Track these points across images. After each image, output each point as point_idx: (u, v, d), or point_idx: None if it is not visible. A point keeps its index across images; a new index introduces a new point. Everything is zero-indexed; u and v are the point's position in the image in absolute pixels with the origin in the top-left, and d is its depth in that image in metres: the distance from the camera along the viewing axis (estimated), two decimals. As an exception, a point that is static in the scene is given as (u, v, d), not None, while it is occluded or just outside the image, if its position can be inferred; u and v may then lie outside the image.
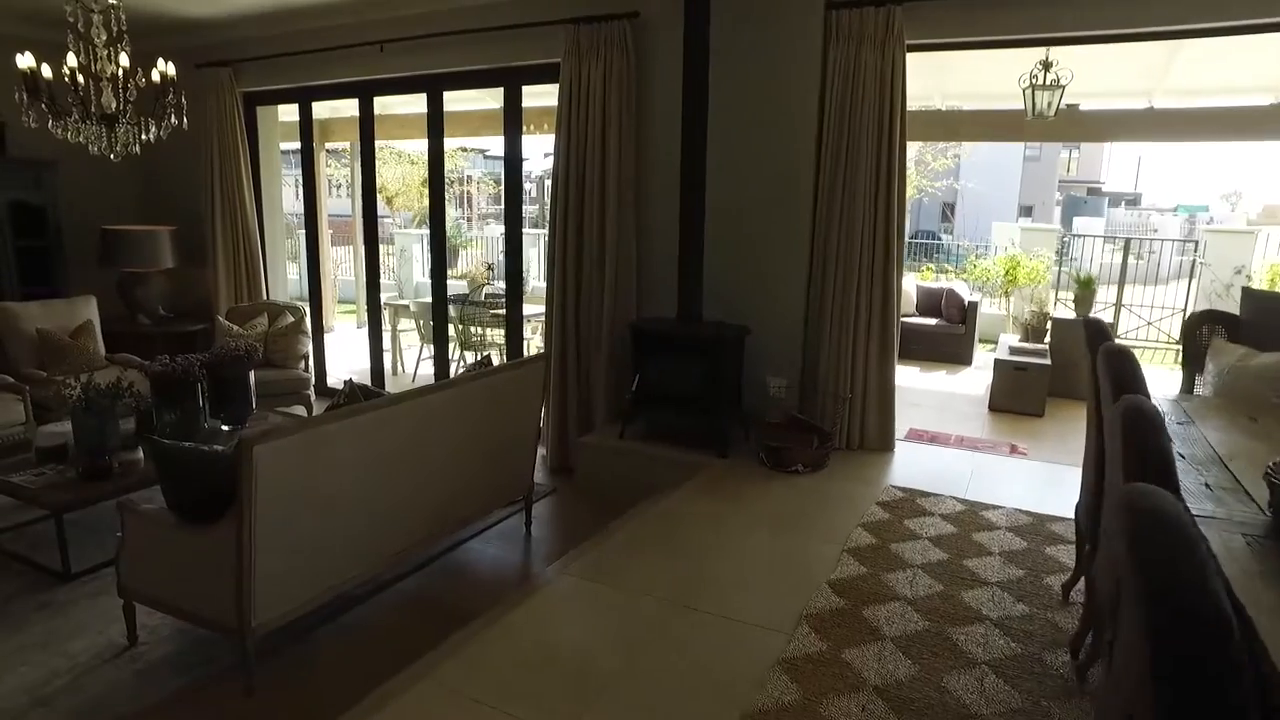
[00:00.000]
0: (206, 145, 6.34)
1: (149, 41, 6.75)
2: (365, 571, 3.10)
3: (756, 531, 3.57)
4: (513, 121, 5.31)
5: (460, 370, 7.24)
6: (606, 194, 4.67)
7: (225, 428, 4.50)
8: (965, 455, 4.74)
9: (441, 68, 5.41)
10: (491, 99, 8.11)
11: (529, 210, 25.24)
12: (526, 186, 27.96)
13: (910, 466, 4.40)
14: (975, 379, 7.10)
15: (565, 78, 4.71)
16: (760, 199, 4.49)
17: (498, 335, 7.13)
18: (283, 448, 2.60)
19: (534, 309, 6.43)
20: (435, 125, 5.69)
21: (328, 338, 9.54)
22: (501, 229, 19.35)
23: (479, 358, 4.23)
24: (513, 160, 5.38)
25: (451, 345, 6.74)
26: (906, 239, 5.56)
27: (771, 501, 3.88)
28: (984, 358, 7.50)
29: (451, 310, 6.62)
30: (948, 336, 7.74)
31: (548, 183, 24.22)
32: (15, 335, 5.38)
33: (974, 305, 7.82)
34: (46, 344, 5.38)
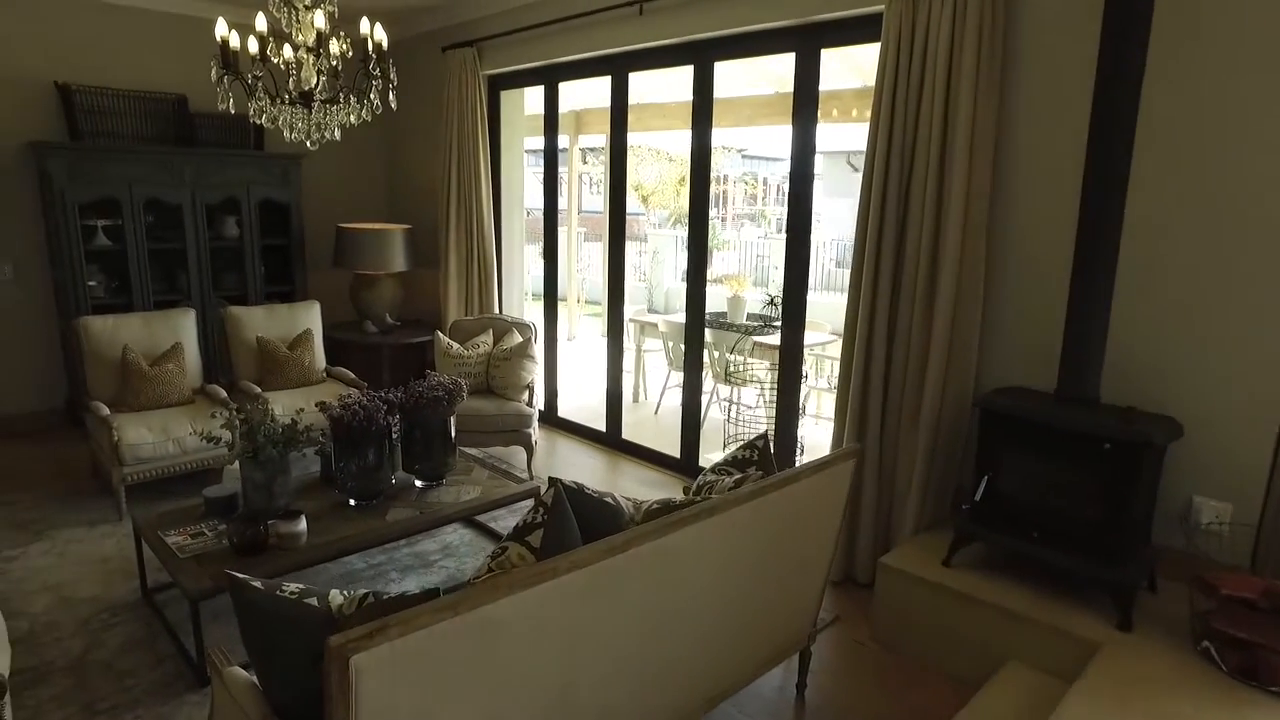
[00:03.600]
0: (446, 136, 5.63)
1: (402, 25, 6.28)
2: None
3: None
4: (805, 101, 3.92)
5: (716, 402, 6.02)
6: (945, 204, 3.15)
7: (419, 483, 3.60)
8: None
9: (713, 30, 4.16)
10: (767, 83, 6.84)
11: (783, 213, 23.78)
12: (785, 187, 26.53)
13: None
14: None
15: (890, 31, 3.25)
16: (1221, 225, 2.73)
17: (757, 364, 5.84)
18: (409, 652, 1.43)
19: (814, 337, 5.01)
20: (702, 106, 4.46)
21: (567, 347, 8.83)
22: (759, 232, 18.10)
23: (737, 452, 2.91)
24: (803, 152, 4.00)
25: (705, 372, 5.53)
26: None
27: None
28: None
29: (708, 335, 5.39)
30: None
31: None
32: (240, 343, 4.91)
33: None
34: (265, 355, 4.86)
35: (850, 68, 5.91)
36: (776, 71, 6.59)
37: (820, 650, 3.04)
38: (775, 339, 5.86)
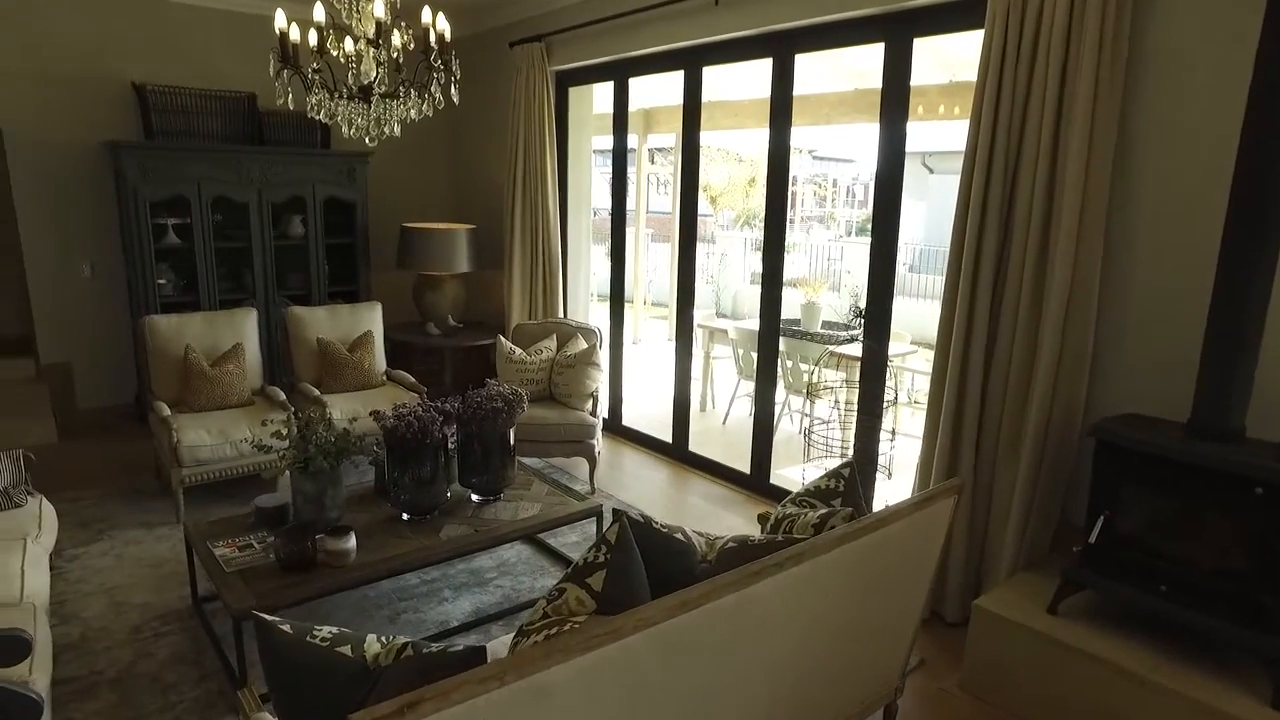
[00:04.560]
0: (512, 134, 5.47)
1: (469, 21, 6.17)
2: None
3: None
4: (894, 96, 3.62)
5: (787, 414, 5.73)
6: (1056, 211, 2.82)
7: (475, 498, 3.42)
8: None
9: (795, 19, 3.89)
10: (846, 78, 6.51)
11: (851, 214, 23.18)
12: (855, 190, 25.90)
13: None
14: None
15: (995, 19, 2.93)
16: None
17: (834, 375, 5.54)
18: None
19: (893, 348, 4.65)
20: (781, 102, 4.18)
21: (632, 350, 8.62)
22: (829, 234, 17.60)
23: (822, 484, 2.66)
24: (891, 150, 3.69)
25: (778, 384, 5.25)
26: None
27: None
28: None
29: (782, 343, 5.11)
30: None
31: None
32: (301, 344, 4.84)
33: None
34: (325, 356, 4.77)
35: (936, 61, 5.54)
36: (857, 66, 6.26)
37: (903, 698, 2.75)
38: (852, 349, 5.54)
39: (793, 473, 4.98)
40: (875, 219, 3.80)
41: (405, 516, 3.23)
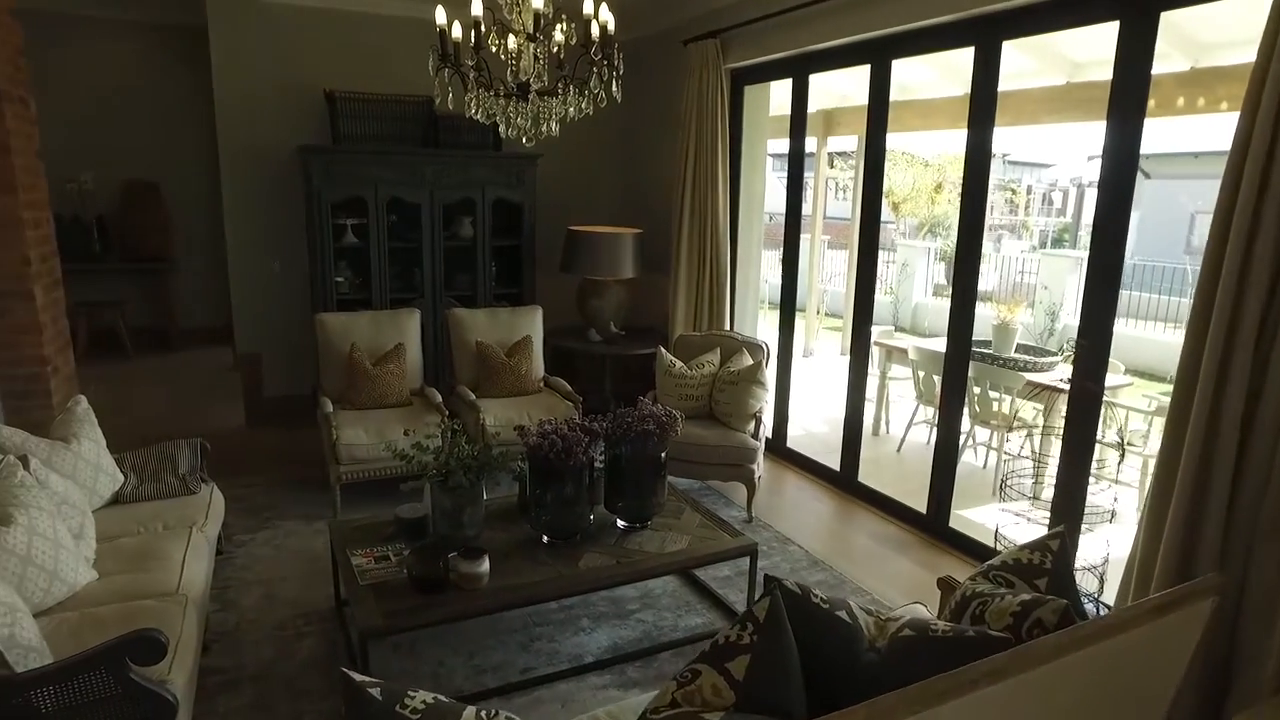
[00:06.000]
0: (683, 135, 5.23)
1: (641, 22, 6.00)
2: None
3: None
4: (1129, 86, 3.03)
5: (971, 446, 5.12)
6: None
7: (620, 524, 3.20)
8: None
9: (1003, 1, 3.37)
10: (1058, 69, 5.78)
11: (1046, 224, 21.25)
12: (1052, 197, 23.79)
13: None
14: None
15: (1279, -19, 2.33)
16: None
17: (1030, 406, 4.93)
18: None
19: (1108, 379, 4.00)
20: (984, 97, 3.67)
21: (803, 364, 8.17)
22: (1020, 245, 16.14)
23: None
24: (1121, 151, 3.09)
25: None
26: None
27: None
28: None
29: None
30: None
31: (1089, 192, 19.96)
32: (460, 346, 4.84)
33: None
34: (483, 360, 4.73)
35: (1175, 43, 4.75)
36: (1074, 55, 5.54)
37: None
38: (1050, 376, 4.88)
39: (976, 515, 4.42)
40: (1096, 230, 3.21)
41: (545, 539, 3.05)
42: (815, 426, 6.05)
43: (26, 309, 3.84)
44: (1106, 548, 3.24)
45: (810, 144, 7.08)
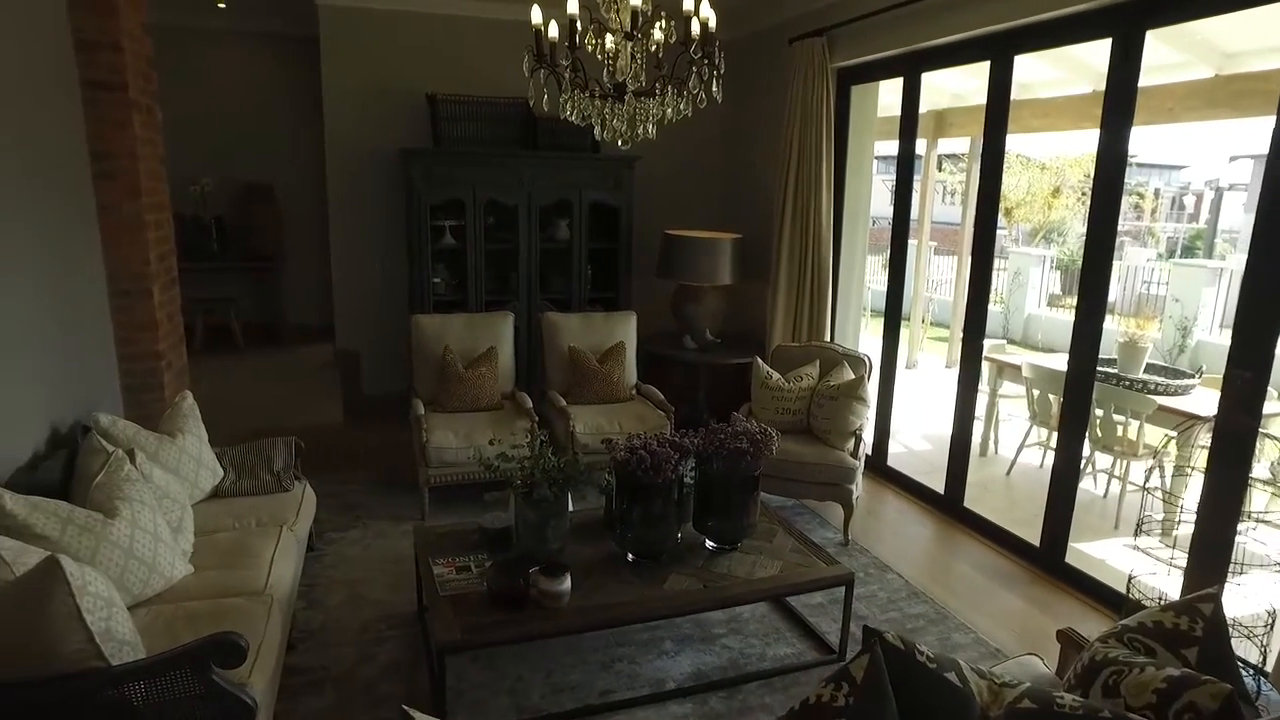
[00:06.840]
0: (786, 137, 5.04)
1: (744, 21, 5.83)
2: None
3: None
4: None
5: (1091, 474, 4.73)
6: None
7: (709, 545, 3.06)
8: None
9: (1153, -12, 3.06)
10: (1204, 62, 5.29)
11: (1176, 229, 19.84)
12: (1184, 201, 22.21)
13: None
14: None
15: None
16: None
17: (1164, 433, 4.52)
18: None
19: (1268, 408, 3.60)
20: (1122, 91, 3.35)
21: (907, 376, 7.80)
22: (1146, 254, 15.05)
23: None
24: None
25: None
26: None
27: None
28: None
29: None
30: None
31: (1228, 196, 18.50)
32: (553, 350, 4.80)
33: None
34: (575, 365, 4.67)
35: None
36: (1223, 45, 5.05)
37: None
38: (1185, 401, 4.45)
39: (1095, 550, 4.08)
40: (1256, 239, 2.87)
41: (630, 557, 2.94)
42: (917, 444, 5.74)
43: (145, 307, 3.99)
44: (1272, 610, 2.80)
45: (919, 146, 6.76)
